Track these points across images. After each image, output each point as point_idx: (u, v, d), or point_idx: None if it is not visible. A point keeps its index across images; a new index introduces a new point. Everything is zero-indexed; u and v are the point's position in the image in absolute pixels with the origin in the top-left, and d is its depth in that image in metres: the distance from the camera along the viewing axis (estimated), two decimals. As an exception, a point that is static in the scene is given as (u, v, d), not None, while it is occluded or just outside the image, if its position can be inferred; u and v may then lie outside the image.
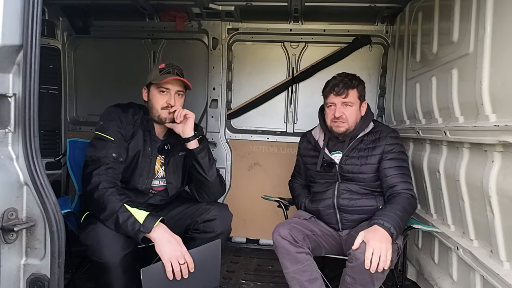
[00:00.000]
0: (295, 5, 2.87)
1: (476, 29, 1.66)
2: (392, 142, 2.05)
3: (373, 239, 1.66)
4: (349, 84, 2.02)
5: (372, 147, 2.05)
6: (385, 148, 2.03)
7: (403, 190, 1.96)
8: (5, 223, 1.14)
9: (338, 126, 2.04)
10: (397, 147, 2.06)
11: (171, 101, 1.97)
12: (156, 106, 1.98)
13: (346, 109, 2.03)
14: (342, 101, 2.02)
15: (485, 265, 1.60)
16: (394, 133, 2.11)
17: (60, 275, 1.24)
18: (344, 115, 2.02)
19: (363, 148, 2.06)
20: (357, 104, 2.05)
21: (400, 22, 2.87)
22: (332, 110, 2.04)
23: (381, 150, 2.03)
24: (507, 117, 1.43)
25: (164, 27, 3.31)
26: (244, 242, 3.36)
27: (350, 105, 2.03)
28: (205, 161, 2.05)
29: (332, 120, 2.05)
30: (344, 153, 2.07)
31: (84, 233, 1.77)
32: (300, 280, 1.89)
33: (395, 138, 2.07)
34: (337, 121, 2.03)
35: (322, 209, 2.10)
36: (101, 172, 1.82)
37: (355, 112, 2.05)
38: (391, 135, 2.07)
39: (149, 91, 2.02)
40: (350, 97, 2.02)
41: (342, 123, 2.03)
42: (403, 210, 1.86)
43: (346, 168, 2.05)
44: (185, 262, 1.66)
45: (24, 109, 1.19)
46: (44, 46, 3.14)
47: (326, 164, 2.10)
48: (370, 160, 2.03)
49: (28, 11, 1.15)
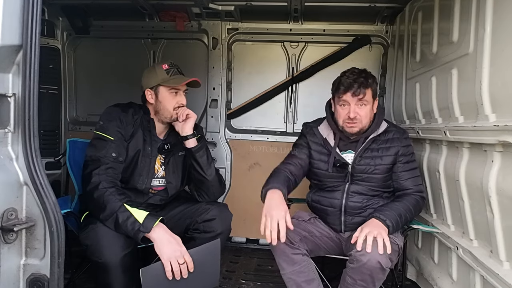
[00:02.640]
0: (295, 5, 2.87)
1: (476, 29, 1.66)
2: (407, 144, 2.03)
3: (366, 226, 1.74)
4: (365, 83, 1.91)
5: (386, 147, 2.00)
6: (401, 151, 2.00)
7: (414, 193, 1.99)
8: (4, 223, 1.14)
9: (352, 127, 1.95)
10: (410, 149, 2.05)
11: (183, 100, 2.03)
12: (168, 107, 2.00)
13: (361, 109, 1.93)
14: (357, 100, 1.91)
15: (485, 265, 1.60)
16: (406, 134, 2.08)
17: (59, 275, 1.24)
18: (359, 115, 1.92)
19: (376, 148, 2.01)
20: (371, 102, 1.96)
21: (400, 22, 2.87)
22: (346, 110, 1.94)
23: (395, 151, 2.00)
24: (507, 117, 1.44)
25: (164, 27, 3.31)
26: (244, 242, 3.36)
27: (365, 104, 1.93)
28: (204, 160, 2.05)
29: (345, 120, 1.95)
30: (357, 153, 1.99)
31: (84, 233, 1.77)
32: (297, 281, 1.89)
33: (408, 140, 2.06)
34: (351, 122, 1.93)
35: (327, 209, 2.07)
36: (101, 172, 1.82)
37: (369, 111, 1.96)
38: (405, 137, 2.05)
39: (156, 93, 2.02)
40: (367, 97, 1.92)
41: (356, 124, 1.94)
42: (406, 208, 1.88)
43: (360, 169, 1.99)
44: (185, 262, 1.66)
45: (23, 109, 1.19)
46: (44, 46, 3.14)
47: (338, 165, 2.01)
48: (384, 160, 1.99)
49: (28, 11, 1.15)
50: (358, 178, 2.01)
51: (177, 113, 2.02)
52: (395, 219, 1.79)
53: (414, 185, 2.01)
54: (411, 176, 2.02)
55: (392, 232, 1.77)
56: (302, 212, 2.17)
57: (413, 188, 2.00)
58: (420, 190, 2.02)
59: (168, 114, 2.02)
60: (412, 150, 2.07)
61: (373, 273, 1.67)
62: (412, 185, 2.00)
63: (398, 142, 2.01)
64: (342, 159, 2.02)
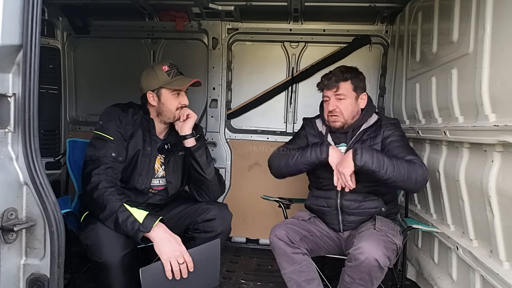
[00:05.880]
0: (295, 5, 2.87)
1: (475, 29, 1.66)
2: (391, 127, 2.03)
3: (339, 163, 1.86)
4: (340, 77, 2.00)
5: (373, 136, 2.03)
6: (384, 134, 2.01)
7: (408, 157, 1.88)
8: (4, 223, 1.14)
9: (333, 121, 2.04)
10: (398, 131, 2.03)
11: (185, 101, 2.04)
12: (171, 108, 2.01)
13: (340, 103, 2.01)
14: (334, 94, 2.01)
15: (485, 265, 1.60)
16: (394, 120, 2.10)
17: (59, 275, 1.23)
18: (338, 108, 2.01)
19: (366, 139, 2.04)
20: (352, 96, 2.02)
21: (400, 22, 2.87)
22: (327, 104, 2.05)
23: (381, 137, 2.02)
24: (507, 117, 1.44)
25: (164, 27, 3.31)
26: (244, 242, 3.36)
27: (343, 98, 2.00)
28: (203, 159, 2.05)
29: (328, 114, 2.05)
30: (348, 146, 2.05)
31: (84, 233, 1.77)
32: (297, 281, 1.89)
33: (393, 124, 2.06)
34: (332, 115, 2.03)
35: (324, 209, 2.08)
36: (101, 172, 1.82)
37: (351, 105, 2.02)
38: (390, 122, 2.07)
39: (159, 95, 2.02)
40: (342, 90, 2.00)
41: (337, 117, 2.02)
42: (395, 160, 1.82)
43: None
44: (184, 262, 1.66)
45: (23, 109, 1.18)
46: (44, 46, 3.14)
47: None
48: None
49: (28, 10, 1.15)
50: None
51: (179, 113, 2.03)
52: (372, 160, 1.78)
53: (408, 154, 1.91)
54: (402, 149, 1.94)
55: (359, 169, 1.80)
56: (302, 212, 2.18)
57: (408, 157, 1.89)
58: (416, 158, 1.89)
59: (171, 115, 2.03)
60: (401, 133, 2.04)
61: (371, 271, 1.68)
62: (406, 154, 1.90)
63: (383, 128, 2.03)
64: None
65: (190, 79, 2.03)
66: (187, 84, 2.01)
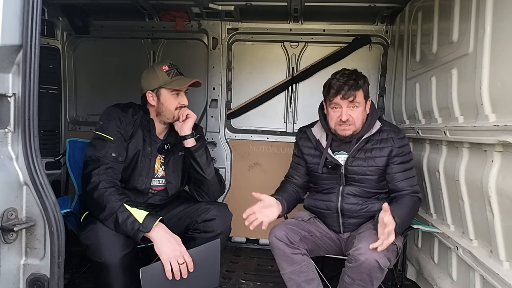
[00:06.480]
0: (294, 5, 2.87)
1: (475, 29, 1.66)
2: (401, 144, 1.98)
3: None
4: (356, 85, 1.89)
5: (379, 148, 1.98)
6: (394, 151, 1.96)
7: (410, 194, 1.97)
8: (4, 223, 1.14)
9: (344, 130, 1.94)
10: (406, 149, 2.01)
11: (185, 101, 2.04)
12: (171, 108, 2.01)
13: (353, 111, 1.92)
14: (348, 103, 1.90)
15: (485, 265, 1.60)
16: (401, 133, 2.03)
17: (59, 275, 1.24)
18: (351, 117, 1.91)
19: (370, 149, 1.98)
20: (363, 104, 1.95)
21: (400, 22, 2.87)
22: (337, 113, 1.92)
23: (388, 151, 1.96)
24: (507, 117, 1.44)
25: (164, 27, 3.31)
26: (244, 242, 3.36)
27: (357, 106, 1.91)
28: (203, 159, 2.05)
29: (337, 123, 1.94)
30: (350, 154, 1.99)
31: (84, 233, 1.77)
32: (297, 281, 1.89)
33: (403, 140, 2.00)
34: (343, 124, 1.92)
35: (324, 212, 2.07)
36: (101, 172, 1.83)
37: (362, 112, 1.95)
38: (400, 137, 1.99)
39: (158, 95, 2.02)
40: (358, 98, 1.90)
41: (349, 126, 1.93)
42: (409, 212, 1.88)
43: (352, 170, 1.98)
44: (184, 262, 1.66)
45: (23, 109, 1.19)
46: (44, 46, 3.14)
47: (330, 166, 2.01)
48: (378, 161, 1.96)
49: (27, 11, 1.15)
50: (352, 180, 2.00)
51: (179, 113, 2.03)
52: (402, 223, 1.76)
53: (410, 186, 1.98)
54: (406, 177, 1.99)
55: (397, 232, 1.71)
56: (302, 212, 2.18)
57: (409, 189, 1.97)
58: (416, 191, 1.99)
59: (170, 115, 2.03)
60: (408, 149, 2.04)
61: (371, 272, 1.67)
62: (408, 186, 1.98)
63: (391, 142, 1.97)
64: (334, 160, 2.01)
65: (189, 79, 2.03)
66: (186, 84, 2.01)
